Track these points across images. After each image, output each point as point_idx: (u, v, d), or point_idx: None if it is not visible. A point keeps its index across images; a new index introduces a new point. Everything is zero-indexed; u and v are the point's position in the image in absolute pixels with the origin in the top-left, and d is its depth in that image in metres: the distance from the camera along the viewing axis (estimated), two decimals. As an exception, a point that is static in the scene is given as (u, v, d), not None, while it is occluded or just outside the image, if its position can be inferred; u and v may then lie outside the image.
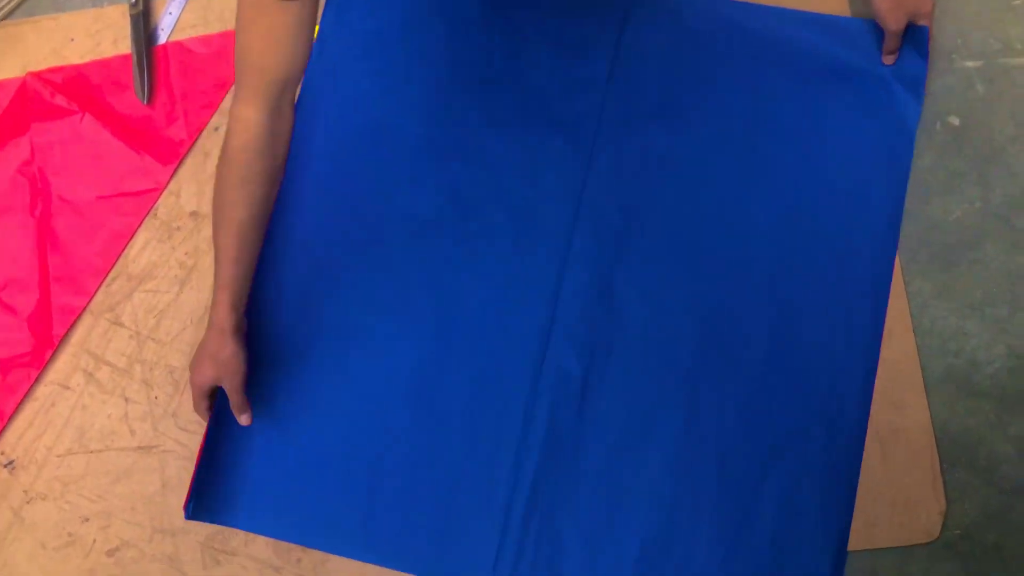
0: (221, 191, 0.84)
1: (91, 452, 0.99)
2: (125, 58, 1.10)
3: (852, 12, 1.00)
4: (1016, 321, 0.91)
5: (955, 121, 0.96)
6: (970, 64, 0.97)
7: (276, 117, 0.81)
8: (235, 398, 0.89)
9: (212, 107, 1.08)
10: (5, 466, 1.00)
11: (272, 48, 0.78)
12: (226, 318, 0.86)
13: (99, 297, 1.04)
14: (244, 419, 0.90)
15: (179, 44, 1.10)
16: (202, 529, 0.95)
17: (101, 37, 1.13)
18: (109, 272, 1.04)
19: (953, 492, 0.88)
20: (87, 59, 1.12)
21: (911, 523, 0.88)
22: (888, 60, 0.96)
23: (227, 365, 0.87)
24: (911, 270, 0.94)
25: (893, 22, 0.92)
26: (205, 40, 1.10)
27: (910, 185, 0.95)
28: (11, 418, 1.01)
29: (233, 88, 0.81)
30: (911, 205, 0.95)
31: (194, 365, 0.89)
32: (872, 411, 0.91)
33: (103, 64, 1.11)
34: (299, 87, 0.87)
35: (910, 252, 0.94)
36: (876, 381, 0.91)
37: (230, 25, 1.12)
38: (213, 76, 1.09)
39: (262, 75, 0.79)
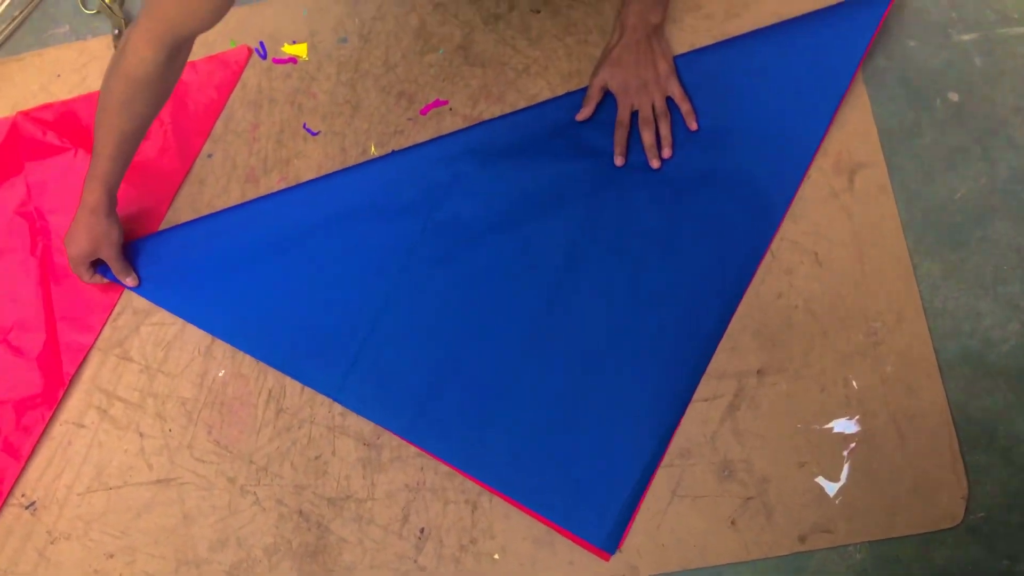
0: (107, 102, 0.94)
1: (111, 488, 1.03)
2: (113, 90, 1.13)
3: (843, -8, 1.01)
4: (1028, 297, 0.93)
5: (954, 97, 0.98)
6: (966, 37, 0.99)
7: (171, 61, 0.92)
8: (116, 265, 1.04)
9: (204, 134, 1.11)
10: (27, 507, 1.04)
11: (186, 6, 0.87)
12: (100, 201, 1.00)
13: (106, 333, 1.07)
14: (130, 281, 1.06)
15: (166, 73, 1.12)
16: (227, 559, 0.99)
17: (87, 71, 1.16)
18: (114, 308, 1.07)
19: (974, 474, 0.91)
20: (75, 94, 1.15)
21: (933, 509, 0.90)
22: (579, 115, 1.05)
23: (103, 238, 1.02)
24: (919, 252, 0.95)
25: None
26: (191, 66, 1.13)
27: (913, 166, 0.97)
28: (29, 459, 1.05)
29: (136, 20, 0.90)
30: (916, 185, 0.96)
31: (69, 241, 1.02)
32: (887, 397, 0.93)
33: (92, 98, 1.14)
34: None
35: (917, 234, 0.96)
36: (890, 368, 0.93)
37: (215, 48, 1.14)
38: (203, 102, 1.11)
39: (170, 26, 0.88)
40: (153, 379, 1.06)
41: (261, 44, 1.15)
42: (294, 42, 1.15)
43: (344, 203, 1.06)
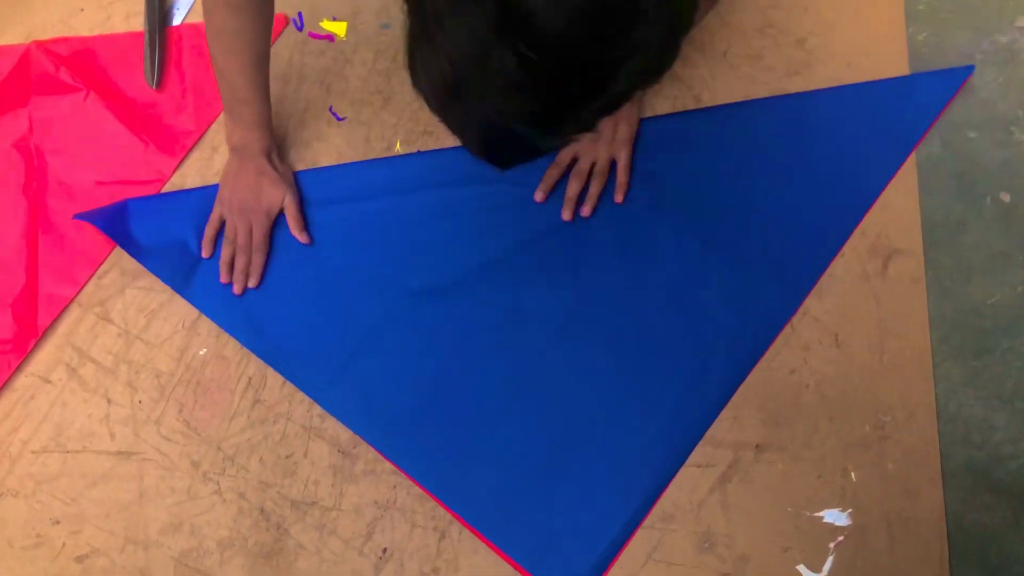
0: (221, 42, 0.91)
1: (68, 452, 0.99)
2: (136, 36, 1.09)
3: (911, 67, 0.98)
4: (1046, 418, 0.90)
5: (1006, 197, 0.95)
6: (1029, 138, 0.96)
7: None
8: (298, 215, 1.00)
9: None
10: (-23, 457, 1.00)
11: None
12: (271, 145, 0.99)
13: (89, 289, 1.03)
14: (305, 237, 1.01)
15: (195, 27, 1.09)
16: (177, 545, 0.96)
17: (113, 10, 1.11)
18: (102, 264, 1.03)
19: (960, 591, 0.88)
20: (96, 32, 1.10)
21: (913, 618, 0.88)
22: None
23: (290, 185, 1.00)
24: (942, 352, 0.93)
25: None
26: (222, 26, 1.08)
27: (952, 262, 0.94)
28: (-13, 406, 1.00)
29: None
30: (951, 283, 0.94)
31: (257, 194, 0.98)
32: (884, 495, 0.91)
33: (113, 40, 1.09)
34: None
35: (943, 333, 0.93)
36: (892, 465, 0.90)
37: (250, 10, 1.09)
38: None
39: None
40: (131, 345, 1.02)
41: (299, 15, 1.10)
42: (334, 19, 1.10)
43: (357, 200, 1.02)
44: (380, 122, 1.06)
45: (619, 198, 0.99)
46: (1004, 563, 0.89)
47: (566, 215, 0.99)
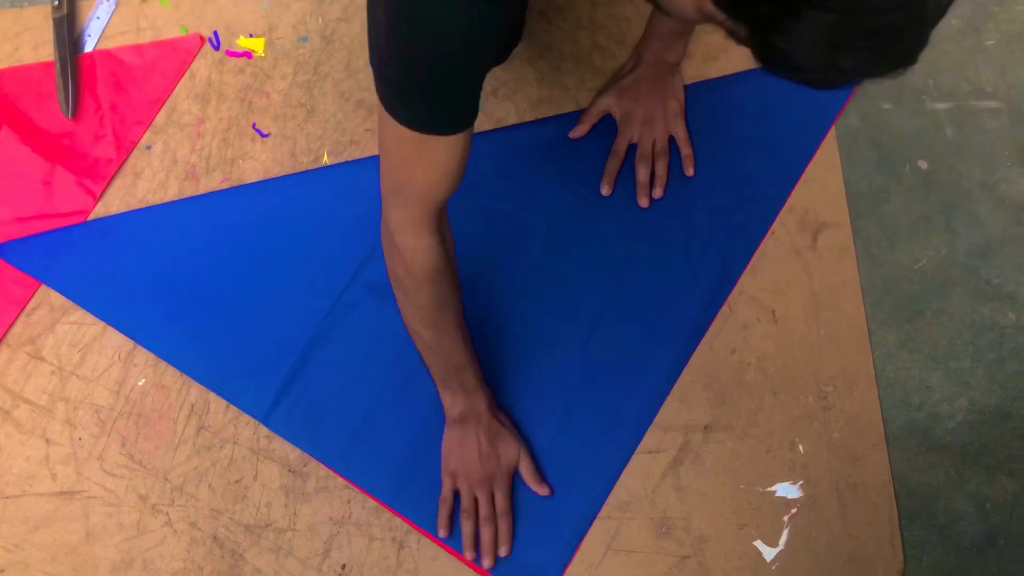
0: (425, 316, 0.83)
1: (7, 497, 0.97)
2: (47, 66, 1.07)
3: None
4: (978, 375, 0.94)
5: (924, 165, 0.98)
6: (940, 106, 0.99)
7: (440, 231, 0.79)
8: (535, 467, 0.93)
9: (144, 124, 1.05)
10: (-88, 511, 0.96)
11: (439, 179, 0.73)
12: (492, 397, 0.92)
13: (17, 328, 1.01)
14: (545, 489, 0.93)
15: (107, 53, 1.07)
16: (129, 582, 0.93)
17: (20, 41, 1.09)
18: (29, 301, 1.01)
19: (911, 549, 0.91)
20: (5, 65, 1.08)
21: (868, 582, 0.90)
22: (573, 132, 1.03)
23: (520, 435, 0.94)
24: (876, 319, 0.95)
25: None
26: (137, 49, 1.07)
27: (878, 231, 0.97)
28: (-82, 458, 0.97)
29: (387, 216, 0.78)
30: (878, 251, 0.96)
31: (495, 458, 0.91)
32: (832, 464, 0.93)
33: (22, 71, 1.07)
34: None
35: (875, 300, 0.96)
36: (837, 434, 0.93)
37: (164, 33, 1.08)
38: (146, 89, 1.05)
39: (429, 204, 0.75)
40: (66, 382, 0.99)
41: (215, 34, 1.09)
42: (251, 35, 1.09)
43: (291, 211, 1.02)
44: (305, 135, 1.05)
45: (690, 171, 1.00)
46: (950, 519, 0.92)
47: (643, 202, 0.99)
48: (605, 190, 1.00)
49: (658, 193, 0.99)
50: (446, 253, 0.80)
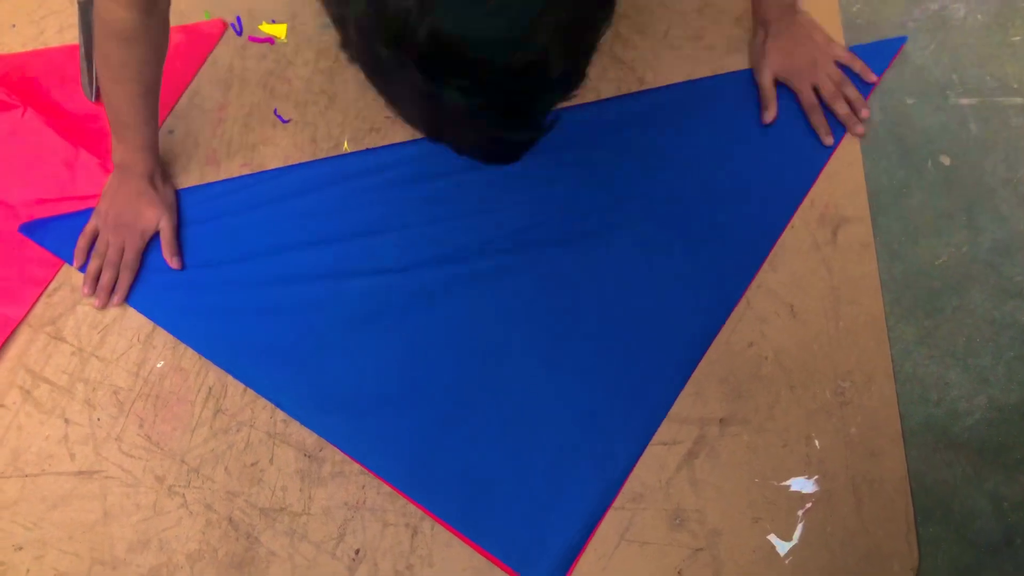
0: (107, 71, 0.92)
1: (26, 476, 0.98)
2: (72, 49, 1.08)
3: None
4: (998, 372, 0.93)
5: (946, 160, 0.98)
6: (964, 101, 0.99)
7: (149, 14, 0.87)
8: (172, 240, 1.01)
9: (166, 107, 1.06)
10: (-68, 488, 0.98)
11: None
12: (155, 168, 1.00)
13: (38, 309, 1.02)
14: (177, 262, 1.02)
15: (132, 37, 1.07)
16: (146, 562, 0.95)
17: (45, 24, 1.10)
18: (50, 282, 1.02)
19: (926, 547, 0.91)
20: (29, 48, 1.09)
21: (882, 578, 0.90)
22: (765, 117, 1.02)
23: (169, 208, 1.02)
24: (895, 314, 0.95)
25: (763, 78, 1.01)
26: (160, 34, 1.07)
27: (899, 226, 0.97)
28: (-60, 436, 0.99)
29: None
30: (899, 246, 0.96)
31: (134, 213, 0.99)
32: (848, 459, 0.93)
33: (47, 54, 1.08)
34: None
35: (895, 296, 0.95)
36: (855, 429, 0.93)
37: (187, 18, 1.10)
38: (168, 74, 1.06)
39: None
40: (86, 363, 1.00)
41: (238, 19, 1.10)
42: (273, 21, 1.10)
43: (313, 196, 1.02)
44: (326, 121, 1.06)
45: (872, 77, 1.01)
46: (967, 517, 0.92)
47: (859, 129, 1.00)
48: (828, 140, 1.00)
49: (866, 113, 1.00)
50: (145, 32, 0.88)
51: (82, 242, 1.01)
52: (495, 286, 0.99)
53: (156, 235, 1.02)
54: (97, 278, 1.01)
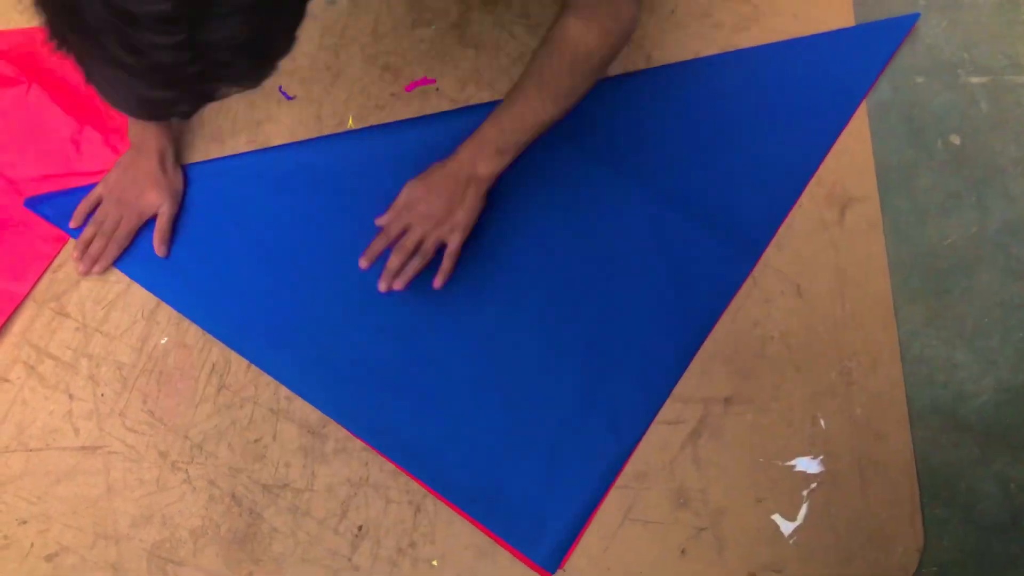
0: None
1: (31, 450, 0.98)
2: (77, 25, 1.07)
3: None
4: (1006, 353, 0.93)
5: (956, 140, 0.97)
6: (975, 80, 0.98)
7: None
8: (168, 226, 1.01)
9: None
10: (-63, 462, 0.98)
11: None
12: (168, 148, 1.00)
13: (43, 284, 1.02)
14: (163, 250, 1.01)
15: (137, 13, 1.07)
16: (149, 537, 0.95)
17: (52, 0, 1.09)
18: (55, 258, 1.02)
19: (931, 528, 0.91)
20: (35, 24, 1.08)
21: (887, 559, 0.90)
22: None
23: (176, 193, 1.02)
24: (902, 295, 0.95)
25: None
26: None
27: (907, 206, 0.96)
28: (-56, 410, 0.99)
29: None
30: (907, 227, 0.96)
31: (138, 193, 0.99)
32: (854, 440, 0.93)
33: (53, 30, 1.07)
34: None
35: (902, 276, 0.95)
36: (860, 410, 0.92)
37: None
38: (173, 50, 1.06)
39: None
40: (90, 339, 1.01)
41: (243, -5, 1.10)
42: (278, -2, 1.10)
43: (316, 174, 1.02)
44: (331, 99, 1.06)
45: (437, 284, 0.94)
46: (973, 499, 0.92)
47: (382, 286, 0.94)
48: (363, 264, 0.94)
49: (398, 285, 0.93)
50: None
51: (83, 206, 1.01)
52: (498, 263, 0.99)
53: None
54: (87, 243, 1.01)
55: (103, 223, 1.00)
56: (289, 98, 1.06)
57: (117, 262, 1.01)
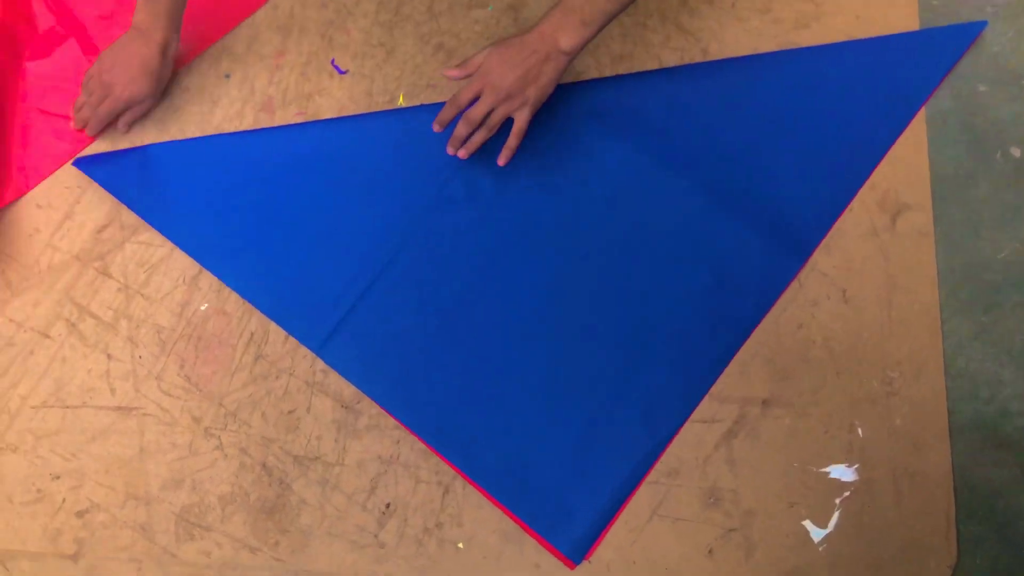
0: None
1: (68, 407, 0.99)
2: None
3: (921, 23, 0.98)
4: (1054, 373, 0.91)
5: (1016, 152, 0.95)
6: (1041, 92, 0.96)
7: None
8: (140, 116, 1.05)
9: (216, 34, 1.06)
10: (-24, 412, 1.00)
11: None
12: (173, 38, 1.01)
13: (88, 243, 1.04)
14: (124, 128, 1.05)
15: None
16: (178, 500, 0.96)
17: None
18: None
19: (965, 545, 0.89)
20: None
21: (918, 573, 0.89)
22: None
23: (162, 85, 1.04)
24: (950, 307, 0.93)
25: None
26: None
27: (961, 216, 0.94)
28: (-15, 362, 1.01)
29: None
30: (959, 237, 0.94)
31: (127, 78, 1.01)
32: (891, 450, 0.92)
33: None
34: None
35: (951, 287, 0.94)
36: (900, 420, 0.91)
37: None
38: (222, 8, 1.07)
39: None
40: (131, 300, 1.02)
41: (300, -34, 1.10)
42: (336, -30, 1.10)
43: (363, 149, 1.02)
44: (383, 75, 1.06)
45: (502, 161, 0.95)
46: (1011, 518, 0.90)
47: (449, 150, 0.95)
48: (436, 127, 0.95)
49: (462, 154, 0.95)
50: None
51: (85, 78, 1.05)
52: (541, 249, 0.99)
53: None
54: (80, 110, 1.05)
55: (91, 95, 1.03)
56: (341, 72, 1.05)
57: (158, 226, 1.02)
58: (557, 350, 0.96)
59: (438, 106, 1.03)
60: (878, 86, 0.99)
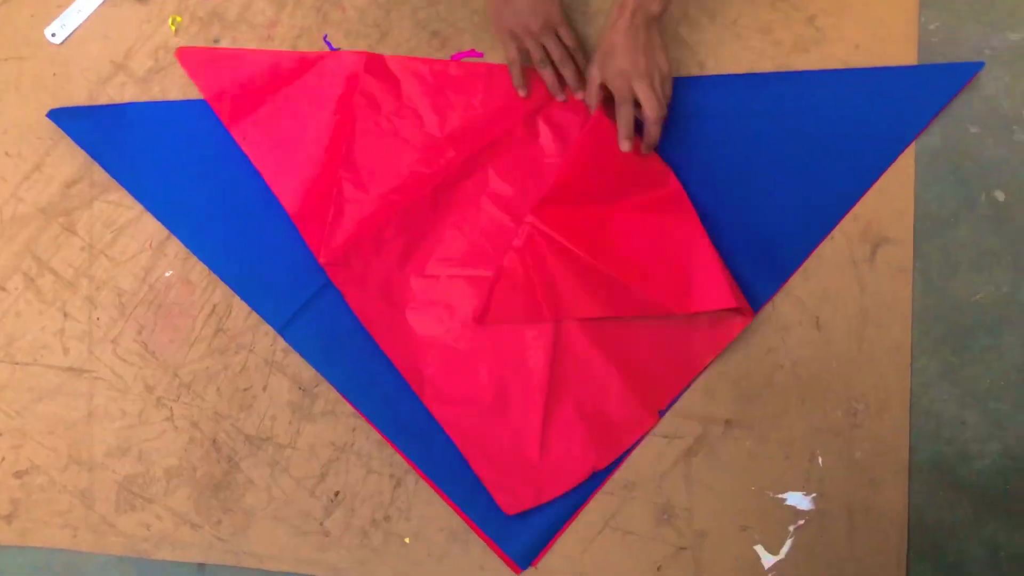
0: None
1: (17, 363, 0.97)
2: None
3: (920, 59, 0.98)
4: (1018, 420, 0.92)
5: (1000, 196, 0.95)
6: (1029, 139, 0.96)
7: None
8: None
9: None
10: (-79, 360, 0.97)
11: None
12: None
13: (55, 197, 1.01)
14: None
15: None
16: (122, 469, 0.94)
17: None
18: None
19: (914, 584, 0.89)
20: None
21: (865, 608, 0.88)
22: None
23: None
24: (921, 345, 0.93)
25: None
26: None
27: (940, 256, 0.94)
28: (-64, 309, 0.98)
29: None
30: (936, 276, 0.94)
31: (535, 9, 0.92)
32: (849, 482, 0.92)
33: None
34: None
35: (924, 326, 0.93)
36: (860, 453, 0.91)
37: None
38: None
39: None
40: (94, 260, 0.99)
41: (301, -63, 1.08)
42: (336, -55, 1.08)
43: None
44: (374, 56, 1.04)
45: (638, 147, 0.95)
46: (960, 561, 0.90)
47: (644, 150, 0.94)
48: (624, 145, 0.93)
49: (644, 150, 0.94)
50: None
51: (516, 73, 0.98)
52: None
53: None
54: (559, 81, 0.98)
55: (547, 57, 0.96)
56: (333, 49, 1.04)
57: (129, 187, 1.00)
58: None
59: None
60: (870, 117, 0.98)
